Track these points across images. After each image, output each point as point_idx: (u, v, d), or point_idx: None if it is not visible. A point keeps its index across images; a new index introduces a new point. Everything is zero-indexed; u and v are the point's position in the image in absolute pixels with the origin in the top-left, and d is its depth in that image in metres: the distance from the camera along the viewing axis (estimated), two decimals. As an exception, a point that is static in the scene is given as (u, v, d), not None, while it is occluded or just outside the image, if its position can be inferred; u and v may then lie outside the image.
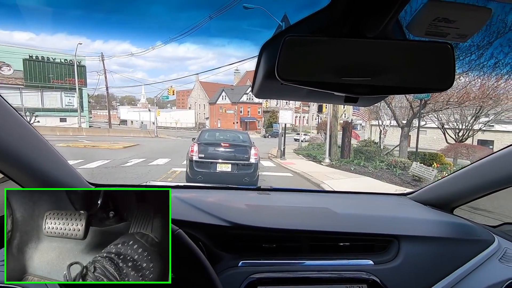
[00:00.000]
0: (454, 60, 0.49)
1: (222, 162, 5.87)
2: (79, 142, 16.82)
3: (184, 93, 77.95)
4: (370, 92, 0.50)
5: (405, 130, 10.31)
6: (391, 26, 0.52)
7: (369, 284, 0.92)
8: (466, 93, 9.59)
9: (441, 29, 0.49)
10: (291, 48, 0.48)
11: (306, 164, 11.56)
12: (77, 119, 27.35)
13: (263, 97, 0.74)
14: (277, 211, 1.16)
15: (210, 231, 0.93)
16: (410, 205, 1.34)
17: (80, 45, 70.37)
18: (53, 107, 28.91)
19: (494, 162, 1.07)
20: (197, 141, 6.30)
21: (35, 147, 0.77)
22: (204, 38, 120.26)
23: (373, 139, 21.22)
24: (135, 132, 29.95)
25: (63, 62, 28.91)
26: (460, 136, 14.73)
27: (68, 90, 29.01)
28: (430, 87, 0.51)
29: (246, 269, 0.91)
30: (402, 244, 0.99)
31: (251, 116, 48.92)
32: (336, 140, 12.48)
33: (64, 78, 28.91)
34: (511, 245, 1.08)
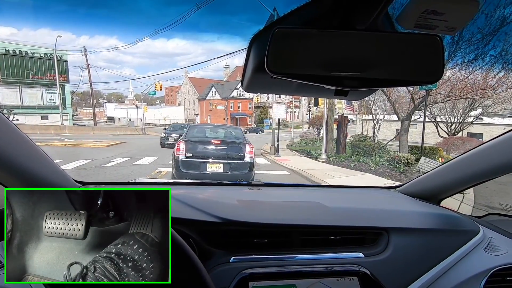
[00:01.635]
0: (443, 52, 0.49)
1: (213, 161, 5.15)
2: (59, 141, 15.88)
3: (173, 89, 76.47)
4: (360, 85, 0.50)
5: (405, 123, 9.82)
6: (381, 18, 0.52)
7: (360, 277, 0.92)
8: (466, 84, 9.22)
9: (430, 21, 0.50)
10: (280, 40, 0.47)
11: (302, 160, 11.04)
12: (59, 116, 26.10)
13: (253, 91, 0.73)
14: (268, 206, 1.17)
15: (201, 227, 0.93)
16: (399, 197, 1.37)
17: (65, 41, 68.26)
18: (33, 104, 27.54)
19: (480, 154, 1.09)
20: (184, 138, 5.53)
21: (17, 145, 0.77)
22: (194, 33, 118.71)
23: (366, 134, 21.15)
24: (122, 130, 28.80)
25: (43, 56, 27.46)
26: (452, 129, 14.68)
27: (49, 86, 27.63)
28: (420, 79, 0.51)
29: (238, 264, 0.90)
30: (392, 236, 1.01)
31: (242, 111, 48.35)
32: (333, 135, 11.98)
33: (44, 74, 27.53)
34: (495, 235, 1.11)
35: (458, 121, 14.00)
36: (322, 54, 0.48)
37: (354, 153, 11.08)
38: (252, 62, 0.56)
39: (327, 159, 10.72)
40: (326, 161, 10.52)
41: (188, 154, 5.09)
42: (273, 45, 0.47)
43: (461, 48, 8.44)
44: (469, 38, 8.15)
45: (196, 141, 5.40)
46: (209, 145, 5.30)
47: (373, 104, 17.53)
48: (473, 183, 1.17)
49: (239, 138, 5.95)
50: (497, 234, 1.11)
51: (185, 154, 5.08)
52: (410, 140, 10.49)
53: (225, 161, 5.19)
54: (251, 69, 0.57)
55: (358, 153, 10.82)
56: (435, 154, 9.51)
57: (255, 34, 0.55)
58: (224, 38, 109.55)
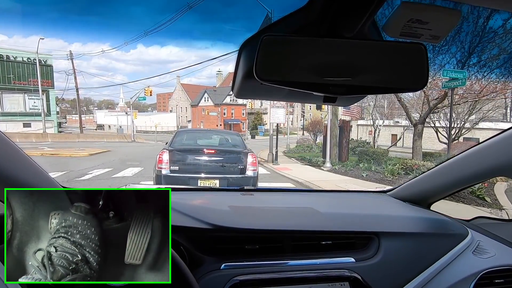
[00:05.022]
0: (427, 60, 0.50)
1: (206, 177, 3.99)
2: (38, 149, 14.57)
3: (165, 96, 75.19)
4: (347, 92, 0.50)
5: (418, 127, 8.95)
6: (368, 26, 0.52)
7: (351, 282, 0.92)
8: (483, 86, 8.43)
9: (415, 30, 0.51)
10: (268, 47, 0.48)
11: (304, 169, 10.05)
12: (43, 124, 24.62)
13: (244, 97, 0.73)
14: (260, 212, 1.16)
15: (192, 234, 0.91)
16: (389, 202, 1.39)
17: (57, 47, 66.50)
18: (14, 111, 25.98)
19: (470, 157, 1.12)
20: (168, 146, 4.33)
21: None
22: (187, 40, 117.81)
23: (364, 140, 20.53)
24: (110, 137, 27.38)
25: (26, 61, 26.03)
26: (452, 134, 14.10)
27: (32, 92, 26.14)
28: (405, 86, 0.52)
29: (229, 271, 0.89)
30: (382, 241, 1.00)
31: (235, 118, 47.42)
32: (337, 140, 11.04)
33: (27, 79, 26.09)
34: (483, 238, 1.12)
35: (458, 126, 13.57)
36: (310, 61, 0.48)
37: (362, 161, 10.11)
38: (242, 69, 0.57)
39: (331, 168, 9.74)
40: (331, 170, 9.54)
41: (174, 167, 3.92)
42: (261, 52, 0.47)
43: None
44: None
45: (184, 151, 4.25)
46: (200, 156, 4.16)
47: (374, 109, 17.03)
48: (463, 186, 1.22)
49: (238, 146, 4.83)
50: (485, 237, 1.12)
51: (169, 168, 3.91)
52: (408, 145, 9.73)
53: (221, 176, 4.06)
54: (241, 75, 0.58)
55: (367, 160, 9.85)
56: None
57: (244, 41, 0.55)
58: (218, 45, 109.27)
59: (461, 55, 8.14)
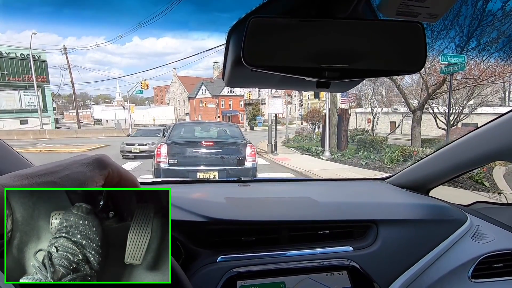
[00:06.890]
0: (425, 40, 0.49)
1: (205, 169, 4.00)
2: (37, 146, 14.51)
3: (162, 89, 74.59)
4: (341, 76, 0.48)
5: (417, 114, 8.93)
6: (362, 6, 0.51)
7: (349, 270, 0.91)
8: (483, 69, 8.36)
9: (412, 8, 0.48)
10: (257, 30, 0.45)
11: (303, 159, 10.07)
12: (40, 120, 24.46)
13: (235, 86, 0.71)
14: (257, 203, 1.16)
15: (187, 228, 0.90)
16: (388, 189, 1.38)
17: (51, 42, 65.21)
18: (10, 108, 25.83)
19: (468, 142, 1.12)
20: (166, 140, 4.30)
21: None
22: (183, 32, 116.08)
23: (363, 128, 20.52)
24: (108, 132, 27.24)
25: (19, 57, 25.75)
26: (451, 120, 14.04)
27: (27, 88, 25.93)
28: (402, 68, 0.51)
29: (225, 264, 0.88)
30: (380, 229, 1.00)
31: (233, 109, 47.25)
32: (335, 129, 11.03)
33: (22, 75, 25.82)
34: (482, 223, 1.11)
35: (456, 111, 13.52)
36: (301, 44, 0.46)
37: (361, 149, 10.13)
38: (231, 55, 0.55)
39: (331, 157, 9.76)
40: (330, 159, 9.56)
41: (172, 160, 3.92)
42: (249, 36, 0.45)
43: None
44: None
45: (182, 144, 4.24)
46: (199, 148, 4.14)
47: (373, 96, 16.95)
48: (462, 171, 1.22)
49: (237, 137, 4.80)
50: (484, 222, 1.12)
51: (167, 161, 3.91)
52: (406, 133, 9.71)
53: (220, 168, 4.06)
54: (231, 62, 0.55)
55: (366, 148, 9.86)
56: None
57: (232, 25, 0.53)
58: (215, 36, 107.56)
59: (459, 39, 8.05)
